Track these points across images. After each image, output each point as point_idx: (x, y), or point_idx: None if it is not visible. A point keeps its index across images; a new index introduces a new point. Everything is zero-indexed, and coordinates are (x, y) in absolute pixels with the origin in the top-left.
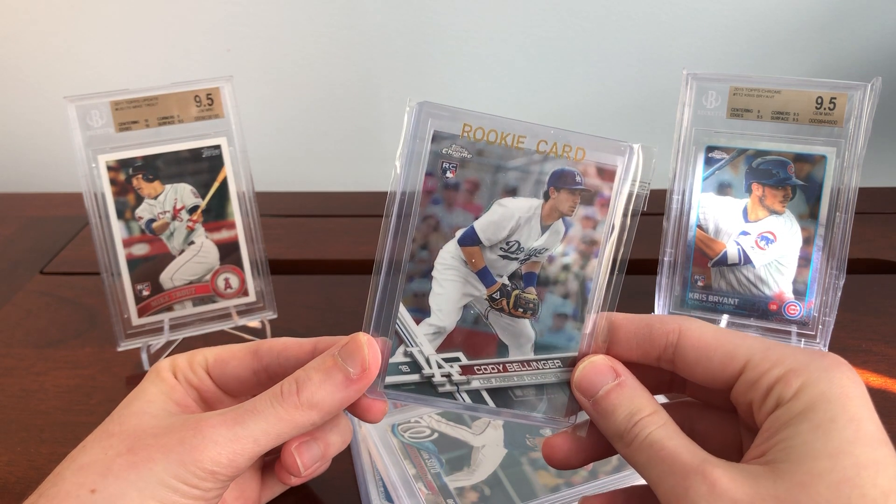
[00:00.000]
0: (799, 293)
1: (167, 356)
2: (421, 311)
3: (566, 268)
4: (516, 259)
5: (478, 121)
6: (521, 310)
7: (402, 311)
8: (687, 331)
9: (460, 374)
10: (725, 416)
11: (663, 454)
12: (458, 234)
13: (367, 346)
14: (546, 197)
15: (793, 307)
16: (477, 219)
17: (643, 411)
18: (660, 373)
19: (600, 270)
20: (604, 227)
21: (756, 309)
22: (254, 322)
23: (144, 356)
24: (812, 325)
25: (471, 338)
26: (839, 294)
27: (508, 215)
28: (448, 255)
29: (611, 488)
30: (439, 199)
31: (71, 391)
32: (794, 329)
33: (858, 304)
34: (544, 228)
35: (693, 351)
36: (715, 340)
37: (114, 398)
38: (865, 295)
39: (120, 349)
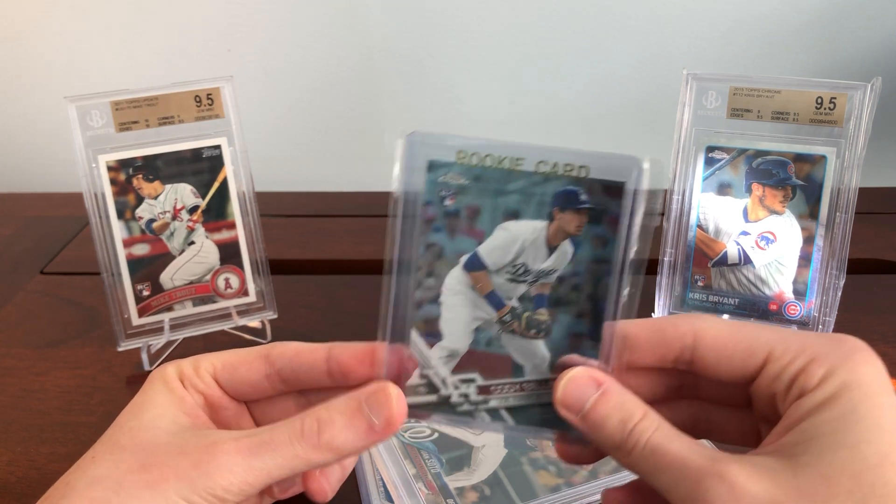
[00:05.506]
0: (799, 293)
1: (166, 357)
2: (433, 335)
3: (577, 287)
4: (525, 282)
5: (472, 147)
6: (533, 331)
7: (415, 337)
8: (701, 331)
9: (477, 394)
10: (738, 410)
11: (669, 459)
12: (463, 259)
13: (396, 399)
14: (550, 218)
15: (793, 307)
16: (480, 244)
17: (634, 416)
18: (669, 380)
19: (614, 288)
20: (615, 245)
21: (756, 309)
22: (254, 322)
23: (145, 356)
24: (812, 325)
25: (485, 360)
26: (839, 294)
27: (511, 239)
28: (455, 281)
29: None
30: (440, 226)
31: (71, 391)
32: (794, 329)
33: (858, 304)
34: (551, 250)
35: (712, 352)
36: (732, 338)
37: (114, 398)
38: (865, 295)
39: (120, 349)
